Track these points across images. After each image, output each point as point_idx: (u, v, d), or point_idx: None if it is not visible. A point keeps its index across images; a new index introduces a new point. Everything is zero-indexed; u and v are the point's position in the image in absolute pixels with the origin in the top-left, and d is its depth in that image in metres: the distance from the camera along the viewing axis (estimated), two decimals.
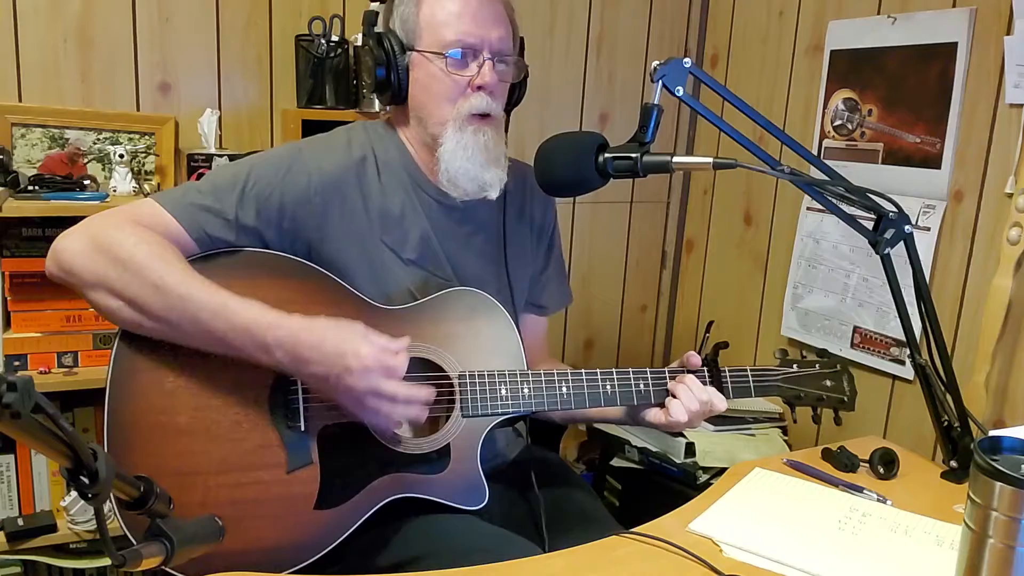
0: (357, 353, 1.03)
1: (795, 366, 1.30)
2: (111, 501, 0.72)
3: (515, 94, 1.30)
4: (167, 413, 1.06)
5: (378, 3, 1.21)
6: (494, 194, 1.23)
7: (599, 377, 1.20)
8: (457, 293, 1.20)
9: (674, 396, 1.19)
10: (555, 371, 1.20)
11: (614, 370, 1.21)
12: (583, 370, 1.21)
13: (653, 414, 1.22)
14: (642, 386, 1.22)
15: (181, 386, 1.07)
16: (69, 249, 1.05)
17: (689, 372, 1.22)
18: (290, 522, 1.07)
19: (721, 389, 1.23)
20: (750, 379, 1.26)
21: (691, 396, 1.18)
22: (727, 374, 1.25)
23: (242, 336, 1.03)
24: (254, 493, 1.07)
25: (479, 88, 1.19)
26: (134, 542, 0.70)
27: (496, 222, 1.32)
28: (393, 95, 1.22)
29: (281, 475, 1.08)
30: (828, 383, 1.30)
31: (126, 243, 1.04)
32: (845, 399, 1.29)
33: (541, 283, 1.42)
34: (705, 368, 1.24)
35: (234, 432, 1.07)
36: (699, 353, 1.25)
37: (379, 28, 1.23)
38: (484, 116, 1.20)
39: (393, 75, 1.20)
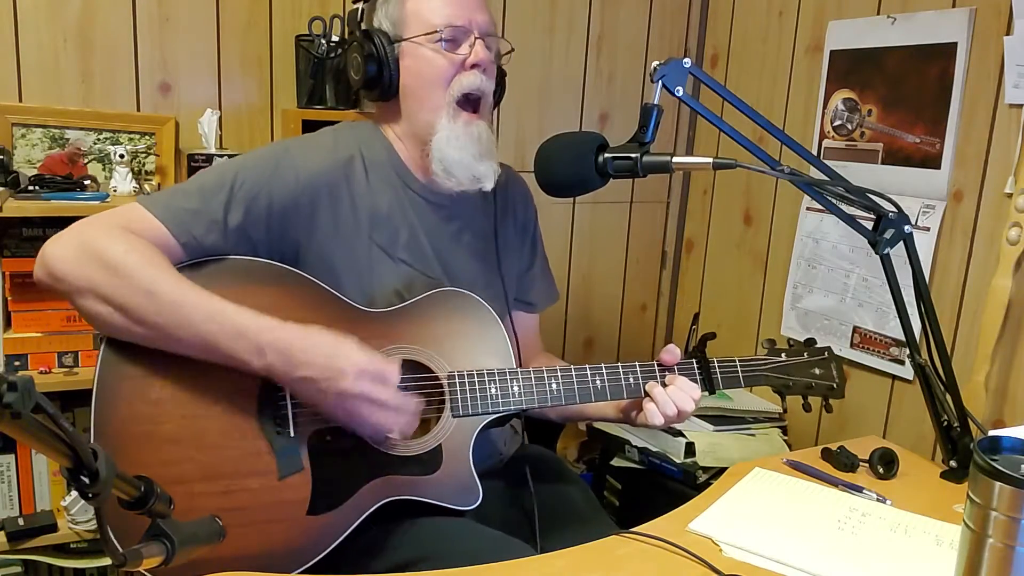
0: (350, 358, 1.03)
1: (783, 355, 1.30)
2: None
3: (497, 92, 1.31)
4: (153, 422, 1.04)
5: (361, 2, 1.21)
6: (489, 184, 1.23)
7: (588, 372, 1.21)
8: (442, 294, 1.20)
9: (651, 399, 1.20)
10: (544, 368, 1.20)
11: (603, 365, 1.22)
12: (572, 365, 1.21)
13: (637, 418, 1.23)
14: (631, 380, 1.22)
15: (168, 394, 1.06)
16: (58, 255, 1.04)
17: (679, 365, 1.23)
18: (283, 529, 1.06)
19: (710, 380, 1.24)
20: (739, 370, 1.27)
21: (668, 402, 1.19)
22: (715, 365, 1.25)
23: (235, 340, 1.02)
24: (244, 501, 1.05)
25: (472, 66, 1.20)
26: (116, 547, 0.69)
27: (483, 219, 1.32)
28: (384, 89, 1.22)
29: (272, 482, 1.07)
30: (817, 371, 1.30)
31: (116, 249, 1.03)
32: (834, 386, 1.29)
33: (528, 280, 1.43)
34: (694, 360, 1.25)
35: (222, 440, 1.06)
36: (687, 345, 1.26)
37: (364, 26, 1.24)
38: (475, 107, 1.22)
39: (385, 70, 1.20)
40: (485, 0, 1.26)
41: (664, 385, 1.21)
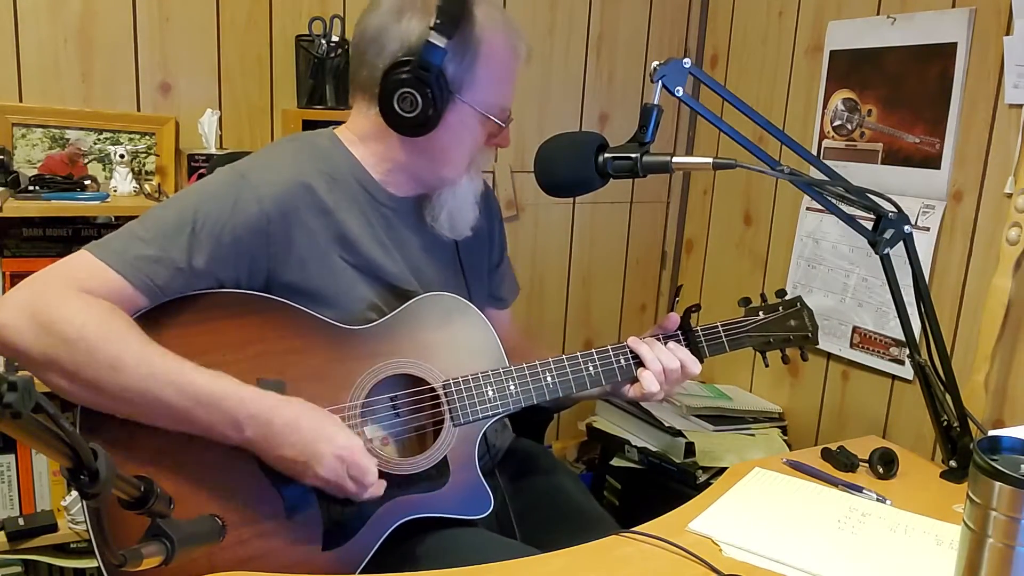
0: (332, 440, 1.01)
1: (761, 313, 1.32)
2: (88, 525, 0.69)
3: None
4: None
5: (444, 40, 1.08)
6: (469, 233, 1.26)
7: (580, 360, 1.21)
8: (426, 300, 1.17)
9: (643, 366, 1.21)
10: (537, 362, 1.20)
11: (594, 350, 1.22)
12: (564, 355, 1.21)
13: (630, 390, 1.24)
14: (623, 361, 1.23)
15: (158, 451, 1.01)
16: (11, 326, 0.96)
17: (666, 337, 1.25)
18: (301, 568, 1.04)
19: (697, 350, 1.25)
20: (722, 335, 1.28)
21: (655, 360, 1.20)
22: (700, 334, 1.27)
23: (211, 411, 0.98)
24: (258, 548, 1.03)
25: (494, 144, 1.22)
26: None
27: None
28: (417, 131, 1.13)
29: (282, 523, 1.04)
30: (792, 322, 1.32)
31: (74, 320, 0.95)
32: (809, 335, 1.33)
33: (498, 276, 1.43)
34: (679, 331, 1.27)
35: (225, 490, 1.03)
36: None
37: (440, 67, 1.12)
38: None
39: (436, 117, 1.11)
40: None
41: None
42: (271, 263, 1.10)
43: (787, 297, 1.34)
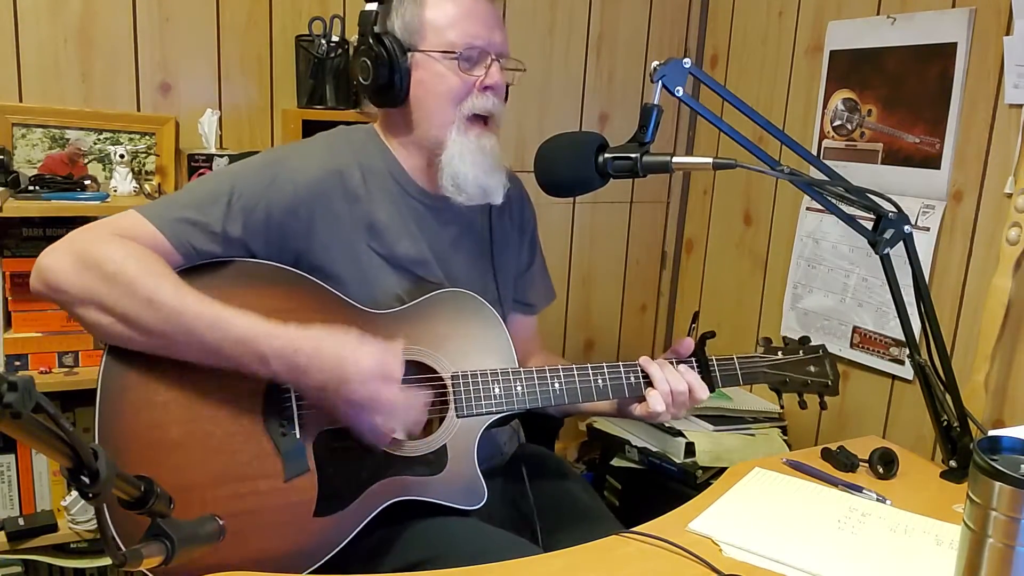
0: (356, 360, 1.03)
1: (780, 353, 1.31)
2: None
3: None
4: (160, 427, 1.04)
5: (375, 4, 1.19)
6: (498, 199, 1.24)
7: (590, 371, 1.21)
8: (446, 295, 1.20)
9: (651, 385, 1.21)
10: (547, 367, 1.21)
11: (604, 364, 1.22)
12: (574, 365, 1.22)
13: (636, 408, 1.23)
14: (632, 379, 1.22)
15: (172, 399, 1.06)
16: (55, 266, 1.03)
17: (679, 363, 1.24)
18: (290, 530, 1.06)
19: (709, 379, 1.24)
20: (737, 367, 1.27)
21: (664, 380, 1.19)
22: (714, 363, 1.26)
23: (238, 347, 1.02)
24: (252, 504, 1.05)
25: (486, 88, 1.20)
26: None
27: (482, 222, 1.32)
28: (392, 97, 1.20)
29: (279, 484, 1.07)
30: (812, 368, 1.31)
31: (115, 257, 1.02)
32: (829, 383, 1.30)
33: (526, 280, 1.43)
34: (693, 358, 1.25)
35: (229, 443, 1.06)
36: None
37: (377, 29, 1.20)
38: (485, 122, 1.22)
39: (396, 76, 1.18)
40: (502, 19, 1.25)
41: None
42: (299, 245, 1.15)
43: (811, 343, 1.33)
